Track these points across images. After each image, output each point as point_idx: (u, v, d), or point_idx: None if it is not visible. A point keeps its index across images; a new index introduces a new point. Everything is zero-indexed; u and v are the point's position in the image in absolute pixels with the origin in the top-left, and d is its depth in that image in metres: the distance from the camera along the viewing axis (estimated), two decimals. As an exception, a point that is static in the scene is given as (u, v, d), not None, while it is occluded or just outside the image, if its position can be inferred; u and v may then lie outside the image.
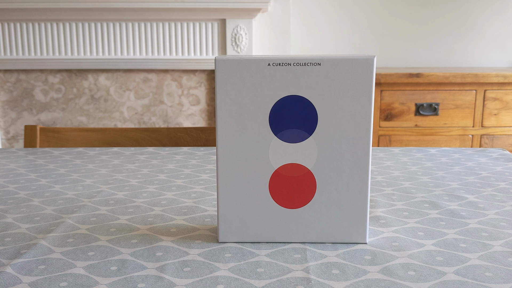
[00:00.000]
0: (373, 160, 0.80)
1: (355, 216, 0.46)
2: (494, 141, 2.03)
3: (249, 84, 0.44)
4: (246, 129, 0.45)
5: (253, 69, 0.43)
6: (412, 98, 1.98)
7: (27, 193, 0.63)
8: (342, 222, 0.46)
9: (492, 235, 0.48)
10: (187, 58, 2.25)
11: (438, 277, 0.40)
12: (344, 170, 0.45)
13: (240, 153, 0.45)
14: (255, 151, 0.45)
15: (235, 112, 0.44)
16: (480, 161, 0.78)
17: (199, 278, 0.40)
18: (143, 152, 0.86)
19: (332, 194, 0.46)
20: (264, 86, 0.44)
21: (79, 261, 0.43)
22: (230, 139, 0.45)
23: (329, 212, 0.46)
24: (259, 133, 0.44)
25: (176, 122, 2.35)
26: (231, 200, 0.46)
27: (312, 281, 0.39)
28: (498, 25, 2.38)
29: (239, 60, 0.43)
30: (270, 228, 0.46)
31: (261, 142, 0.45)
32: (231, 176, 0.46)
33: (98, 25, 2.24)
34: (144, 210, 0.56)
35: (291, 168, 0.45)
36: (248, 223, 0.46)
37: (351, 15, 2.37)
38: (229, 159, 0.45)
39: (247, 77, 0.44)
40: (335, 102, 0.44)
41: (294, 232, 0.47)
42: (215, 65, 0.43)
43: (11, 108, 2.34)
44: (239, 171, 0.45)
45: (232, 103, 0.44)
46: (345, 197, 0.46)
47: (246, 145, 0.45)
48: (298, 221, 0.46)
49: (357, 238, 0.46)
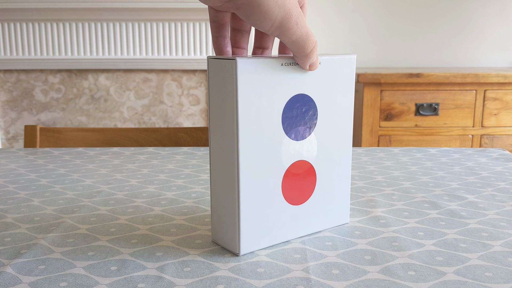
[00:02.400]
0: (373, 160, 0.80)
1: (342, 201, 0.51)
2: (494, 141, 2.03)
3: (265, 85, 0.43)
4: (264, 132, 0.43)
5: (269, 70, 0.43)
6: (412, 98, 1.98)
7: (27, 193, 0.63)
8: (334, 209, 0.50)
9: (492, 235, 0.48)
10: (187, 58, 2.25)
11: (438, 277, 0.40)
12: (335, 161, 0.49)
13: (260, 158, 0.43)
14: (271, 153, 0.44)
15: (254, 115, 0.42)
16: (480, 161, 0.78)
17: (199, 278, 0.40)
18: (143, 152, 0.86)
19: (328, 185, 0.49)
20: (277, 86, 0.43)
21: (79, 261, 0.43)
22: (252, 146, 0.43)
23: (326, 202, 0.49)
24: (274, 134, 0.44)
25: (176, 122, 2.35)
26: (253, 209, 0.44)
27: (312, 281, 0.39)
28: (498, 25, 2.38)
29: (258, 61, 0.42)
30: (283, 228, 0.47)
31: (276, 143, 0.44)
32: (253, 183, 0.44)
33: (98, 25, 2.24)
34: (144, 210, 0.56)
35: (298, 165, 0.46)
36: (266, 228, 0.46)
37: (351, 15, 2.37)
38: (252, 167, 0.43)
39: (264, 78, 0.42)
40: (329, 98, 0.47)
41: (297, 228, 0.47)
42: (235, 66, 0.40)
43: (11, 108, 2.34)
44: (259, 177, 0.44)
45: (253, 107, 0.42)
46: (336, 186, 0.50)
47: (264, 148, 0.44)
48: (300, 216, 0.47)
49: (342, 220, 0.51)
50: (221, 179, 0.44)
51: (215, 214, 0.46)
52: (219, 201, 0.45)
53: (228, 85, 0.41)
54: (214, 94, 0.43)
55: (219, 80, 0.42)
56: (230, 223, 0.44)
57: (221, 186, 0.44)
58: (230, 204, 0.44)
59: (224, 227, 0.45)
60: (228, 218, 0.44)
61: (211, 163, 0.45)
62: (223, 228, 0.45)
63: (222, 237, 0.46)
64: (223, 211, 0.45)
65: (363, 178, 0.69)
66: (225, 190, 0.44)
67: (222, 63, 0.41)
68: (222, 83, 0.42)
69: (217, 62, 0.42)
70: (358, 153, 0.85)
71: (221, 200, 0.45)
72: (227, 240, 0.45)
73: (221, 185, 0.44)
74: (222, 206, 0.45)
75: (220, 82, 0.42)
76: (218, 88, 0.43)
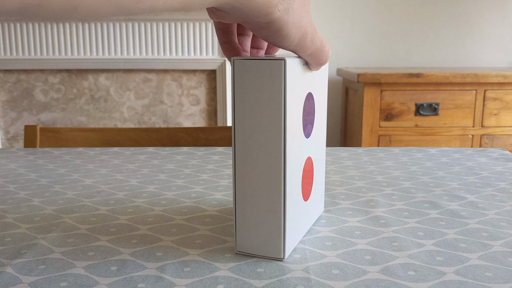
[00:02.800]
0: (373, 160, 0.80)
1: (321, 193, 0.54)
2: (494, 141, 2.03)
3: (298, 84, 0.42)
4: (295, 131, 0.43)
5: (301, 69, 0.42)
6: (412, 98, 1.98)
7: (27, 193, 0.63)
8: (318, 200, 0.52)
9: (492, 235, 0.48)
10: (187, 58, 2.25)
11: (438, 277, 0.40)
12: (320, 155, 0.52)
13: (294, 157, 0.43)
14: (298, 152, 0.44)
15: (291, 114, 0.42)
16: (480, 161, 0.78)
17: (199, 278, 0.40)
18: (143, 152, 0.86)
19: (318, 178, 0.52)
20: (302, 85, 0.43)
21: (79, 261, 0.43)
22: (290, 145, 0.42)
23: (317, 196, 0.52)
24: (299, 133, 0.44)
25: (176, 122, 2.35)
26: (293, 209, 0.44)
27: (312, 281, 0.39)
28: (498, 25, 2.38)
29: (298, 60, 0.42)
30: (303, 224, 0.47)
31: (299, 142, 0.44)
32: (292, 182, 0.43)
33: (98, 25, 2.24)
34: (144, 210, 0.56)
35: (308, 162, 0.47)
36: (296, 226, 0.45)
37: (351, 15, 2.37)
38: (292, 167, 0.43)
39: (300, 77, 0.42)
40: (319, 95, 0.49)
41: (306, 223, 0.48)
42: (284, 66, 0.39)
43: (11, 108, 2.34)
44: (293, 176, 0.43)
45: (291, 106, 0.42)
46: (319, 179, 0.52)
47: (295, 147, 0.43)
48: (307, 211, 0.48)
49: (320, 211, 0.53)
50: (255, 182, 0.42)
51: (245, 222, 0.43)
52: (251, 207, 0.42)
53: (271, 85, 0.40)
54: (245, 95, 0.41)
55: (254, 81, 0.40)
56: (271, 228, 0.42)
57: (255, 190, 0.42)
58: (271, 207, 0.42)
59: (262, 234, 0.43)
60: (268, 223, 0.42)
61: (238, 168, 0.42)
62: (259, 235, 0.43)
63: (257, 245, 0.43)
64: (258, 217, 0.42)
65: (363, 178, 0.69)
66: (262, 194, 0.42)
67: (264, 64, 0.39)
68: (260, 84, 0.40)
69: (256, 63, 0.40)
70: (358, 153, 0.85)
71: (256, 205, 0.42)
72: (266, 247, 0.43)
73: (255, 189, 0.42)
74: (256, 212, 0.42)
75: (257, 82, 0.40)
76: (252, 89, 0.40)
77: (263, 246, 0.43)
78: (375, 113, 1.99)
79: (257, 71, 0.40)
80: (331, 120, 2.45)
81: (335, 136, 2.47)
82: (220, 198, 0.61)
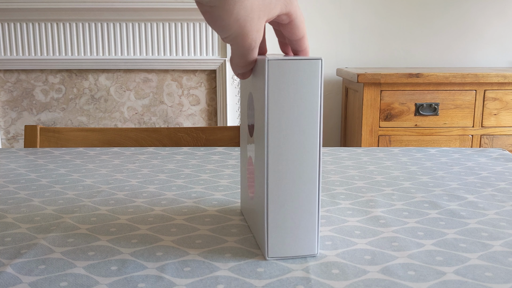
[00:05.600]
0: (373, 160, 0.80)
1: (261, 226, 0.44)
2: (494, 141, 2.03)
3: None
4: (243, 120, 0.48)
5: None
6: (412, 98, 1.98)
7: (27, 193, 0.63)
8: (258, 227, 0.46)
9: (492, 235, 0.48)
10: (187, 58, 2.25)
11: (438, 277, 0.40)
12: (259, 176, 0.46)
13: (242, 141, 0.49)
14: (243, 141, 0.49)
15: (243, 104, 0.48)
16: (480, 161, 0.78)
17: (199, 278, 0.40)
18: (143, 152, 0.86)
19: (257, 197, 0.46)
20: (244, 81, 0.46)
21: (79, 261, 0.43)
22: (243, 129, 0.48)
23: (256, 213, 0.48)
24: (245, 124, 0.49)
25: (176, 122, 2.35)
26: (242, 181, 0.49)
27: (312, 281, 0.39)
28: (498, 25, 2.38)
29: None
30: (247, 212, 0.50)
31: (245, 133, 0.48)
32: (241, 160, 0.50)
33: (98, 25, 2.24)
34: (144, 210, 0.56)
35: (250, 160, 0.48)
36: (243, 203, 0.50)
37: (351, 15, 2.37)
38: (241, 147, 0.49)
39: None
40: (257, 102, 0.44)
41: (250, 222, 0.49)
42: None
43: (11, 108, 2.34)
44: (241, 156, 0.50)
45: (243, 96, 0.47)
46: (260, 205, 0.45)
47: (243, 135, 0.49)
48: (251, 212, 0.49)
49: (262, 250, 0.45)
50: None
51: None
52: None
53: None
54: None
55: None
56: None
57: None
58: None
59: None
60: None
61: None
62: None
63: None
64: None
65: (363, 178, 0.69)
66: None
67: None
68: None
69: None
70: (358, 153, 0.85)
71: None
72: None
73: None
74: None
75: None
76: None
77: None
78: (375, 113, 1.99)
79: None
80: (331, 120, 2.45)
81: (335, 136, 2.47)
82: (220, 198, 0.61)
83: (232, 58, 0.43)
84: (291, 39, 0.45)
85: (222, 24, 0.39)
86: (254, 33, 0.40)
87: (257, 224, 0.46)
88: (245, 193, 0.52)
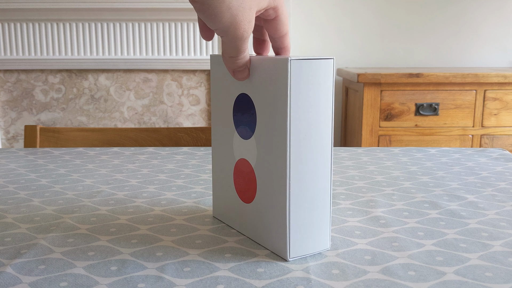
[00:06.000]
0: (373, 160, 0.80)
1: (278, 227, 0.43)
2: (494, 141, 2.03)
3: (225, 79, 0.48)
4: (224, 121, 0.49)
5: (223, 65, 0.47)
6: (412, 98, 1.98)
7: (27, 193, 0.63)
8: (270, 229, 0.44)
9: (492, 235, 0.48)
10: (187, 58, 2.25)
11: (438, 277, 0.40)
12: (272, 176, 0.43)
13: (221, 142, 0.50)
14: (226, 142, 0.49)
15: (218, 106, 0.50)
16: (480, 161, 0.78)
17: (199, 278, 0.40)
18: (143, 152, 0.86)
19: (266, 197, 0.44)
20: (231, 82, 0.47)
21: (79, 261, 0.43)
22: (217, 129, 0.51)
23: (263, 215, 0.45)
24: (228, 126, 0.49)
25: (176, 122, 2.35)
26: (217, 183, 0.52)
27: (312, 281, 0.39)
28: (498, 25, 2.38)
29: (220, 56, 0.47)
30: (234, 216, 0.50)
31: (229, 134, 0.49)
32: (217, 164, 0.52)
33: (98, 25, 2.24)
34: (144, 210, 0.56)
35: (243, 163, 0.47)
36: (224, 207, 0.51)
37: (351, 15, 2.37)
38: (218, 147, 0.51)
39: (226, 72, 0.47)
40: (266, 103, 0.43)
41: (246, 226, 0.48)
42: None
43: (11, 108, 2.34)
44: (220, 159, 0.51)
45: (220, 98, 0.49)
46: (273, 204, 0.43)
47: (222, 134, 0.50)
48: (248, 215, 0.47)
49: (280, 252, 0.43)
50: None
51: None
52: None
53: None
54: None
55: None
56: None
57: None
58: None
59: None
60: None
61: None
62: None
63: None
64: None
65: (363, 178, 0.69)
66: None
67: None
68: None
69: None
70: (358, 153, 0.85)
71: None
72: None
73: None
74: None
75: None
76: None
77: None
78: (375, 113, 1.99)
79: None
80: (331, 120, 2.45)
81: (335, 136, 2.47)
82: (220, 198, 0.61)
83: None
84: (275, 36, 0.46)
85: (214, 13, 0.39)
86: (245, 23, 0.40)
87: (260, 229, 0.45)
88: (226, 198, 0.50)
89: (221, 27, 0.40)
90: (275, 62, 0.41)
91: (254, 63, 0.44)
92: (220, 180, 0.51)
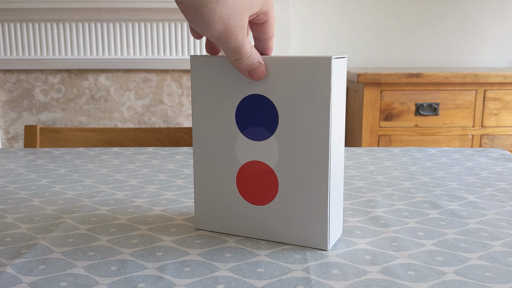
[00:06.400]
0: (373, 160, 0.80)
1: (315, 220, 0.45)
2: (494, 141, 2.03)
3: (219, 81, 0.46)
4: (216, 125, 0.47)
5: (222, 67, 0.45)
6: (412, 98, 1.98)
7: (27, 193, 0.63)
8: (302, 225, 0.46)
9: (492, 235, 0.48)
10: (187, 58, 2.25)
11: (438, 277, 0.40)
12: (305, 172, 0.45)
13: (211, 147, 0.48)
14: (223, 146, 0.47)
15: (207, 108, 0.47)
16: (480, 161, 0.78)
17: (199, 278, 0.40)
18: (143, 152, 0.86)
19: (292, 195, 0.45)
20: (231, 84, 0.46)
21: (79, 261, 0.43)
22: (203, 135, 0.48)
23: (290, 213, 0.46)
24: (227, 129, 0.47)
25: (176, 122, 2.35)
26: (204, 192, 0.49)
27: (312, 281, 0.39)
28: (498, 25, 2.38)
29: (210, 57, 0.46)
30: (239, 221, 0.48)
31: (229, 138, 0.47)
32: (204, 171, 0.49)
33: (98, 25, 2.24)
34: (144, 210, 0.56)
35: (255, 165, 0.46)
36: (219, 214, 0.49)
37: (351, 15, 2.37)
38: (202, 154, 0.48)
39: (218, 74, 0.46)
40: (294, 102, 0.44)
41: (261, 229, 0.47)
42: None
43: (11, 108, 2.34)
44: (210, 165, 0.48)
45: (204, 100, 0.47)
46: (305, 200, 0.45)
47: (216, 139, 0.48)
48: (263, 218, 0.47)
49: (318, 244, 0.45)
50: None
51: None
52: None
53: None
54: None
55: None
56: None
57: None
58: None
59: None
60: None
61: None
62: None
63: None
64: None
65: (363, 178, 0.69)
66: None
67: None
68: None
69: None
70: (358, 153, 0.85)
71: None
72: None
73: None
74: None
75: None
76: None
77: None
78: (375, 113, 1.99)
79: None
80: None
81: (335, 136, 2.47)
82: (220, 198, 0.61)
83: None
84: (261, 38, 0.46)
85: (206, 23, 0.39)
86: (237, 29, 0.41)
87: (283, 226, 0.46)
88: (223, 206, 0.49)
89: (213, 35, 0.41)
90: (315, 61, 0.42)
91: (272, 63, 0.44)
92: (212, 190, 0.49)
